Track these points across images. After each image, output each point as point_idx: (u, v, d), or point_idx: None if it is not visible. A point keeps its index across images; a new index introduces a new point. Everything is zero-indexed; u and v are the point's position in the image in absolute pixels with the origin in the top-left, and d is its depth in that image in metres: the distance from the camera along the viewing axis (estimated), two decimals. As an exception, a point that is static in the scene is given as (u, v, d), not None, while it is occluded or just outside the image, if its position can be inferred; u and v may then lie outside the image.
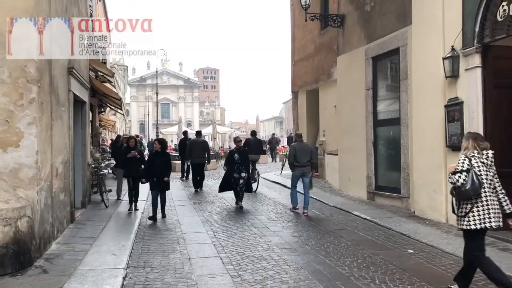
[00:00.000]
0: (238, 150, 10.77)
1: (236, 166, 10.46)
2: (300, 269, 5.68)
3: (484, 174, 4.58)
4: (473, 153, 4.65)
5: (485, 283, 5.02)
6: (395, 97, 10.33)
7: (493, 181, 4.65)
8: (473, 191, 4.47)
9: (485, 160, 4.64)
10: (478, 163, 4.60)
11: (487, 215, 4.52)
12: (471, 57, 7.42)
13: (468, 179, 4.47)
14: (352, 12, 12.10)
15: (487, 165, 4.63)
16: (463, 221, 4.63)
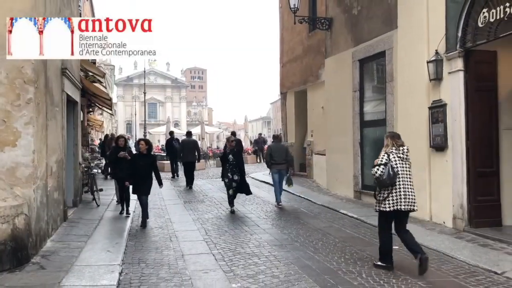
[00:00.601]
0: (232, 151, 10.19)
1: (230, 168, 9.93)
2: (290, 264, 5.90)
3: (400, 167, 5.53)
4: (391, 150, 5.62)
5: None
6: (381, 99, 10.62)
7: (409, 171, 5.60)
8: (389, 180, 5.43)
9: (401, 155, 5.61)
10: (395, 157, 5.55)
11: (399, 200, 5.48)
12: (454, 61, 7.73)
13: (385, 171, 5.43)
14: (339, 16, 12.38)
15: (403, 159, 5.60)
16: (381, 205, 5.60)
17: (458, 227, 7.59)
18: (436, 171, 8.23)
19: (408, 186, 5.56)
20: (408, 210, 5.56)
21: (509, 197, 7.70)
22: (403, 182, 5.50)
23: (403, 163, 5.56)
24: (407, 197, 5.51)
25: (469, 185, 7.54)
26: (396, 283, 5.16)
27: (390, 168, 5.44)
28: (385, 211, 5.57)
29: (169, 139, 18.64)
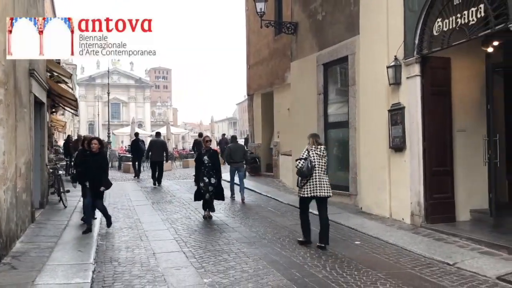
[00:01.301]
0: (208, 152, 9.53)
1: (206, 171, 9.23)
2: (259, 260, 6.17)
3: (317, 161, 6.82)
4: (311, 148, 6.91)
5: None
6: (344, 101, 11.06)
7: (324, 166, 6.90)
8: (307, 172, 6.73)
9: (319, 152, 6.92)
10: (314, 154, 6.85)
11: (315, 188, 6.77)
12: (412, 67, 8.20)
13: (305, 164, 6.74)
14: (304, 20, 12.77)
15: (320, 156, 6.90)
16: (301, 191, 6.93)
17: (416, 223, 8.07)
18: (395, 170, 8.70)
19: (323, 177, 6.86)
20: (323, 196, 6.83)
21: (462, 194, 8.24)
22: (318, 174, 6.81)
23: (320, 159, 6.87)
24: (322, 186, 6.80)
25: (426, 184, 8.03)
26: (358, 274, 5.51)
27: (309, 162, 6.77)
28: (304, 197, 6.91)
29: (135, 140, 18.88)
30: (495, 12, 6.43)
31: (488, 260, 6.00)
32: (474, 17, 6.81)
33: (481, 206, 8.31)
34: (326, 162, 7.03)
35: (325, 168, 6.95)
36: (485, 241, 6.68)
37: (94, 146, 8.00)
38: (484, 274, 5.48)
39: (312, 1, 12.28)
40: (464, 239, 6.99)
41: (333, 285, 5.10)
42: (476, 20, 6.79)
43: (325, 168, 6.93)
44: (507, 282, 5.22)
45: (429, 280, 5.36)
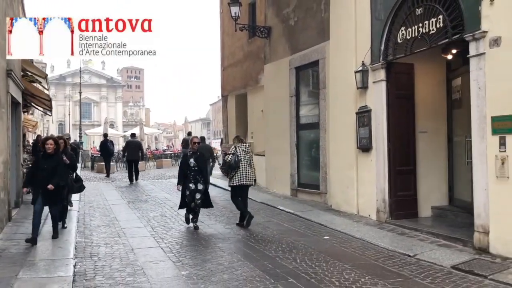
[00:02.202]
0: (194, 154, 8.58)
1: (192, 175, 8.36)
2: (234, 254, 6.53)
3: (242, 156, 8.39)
4: (238, 145, 8.50)
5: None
6: (315, 104, 11.53)
7: (250, 159, 8.54)
8: (235, 164, 8.27)
9: (244, 148, 8.52)
10: (240, 150, 8.42)
11: (242, 178, 8.34)
12: (378, 72, 8.71)
13: (233, 158, 8.28)
14: (278, 25, 13.19)
15: (245, 151, 8.48)
16: (231, 181, 8.44)
17: (381, 219, 8.57)
18: (363, 169, 9.19)
19: (248, 169, 8.43)
20: (247, 184, 8.50)
21: (423, 192, 8.79)
22: (243, 167, 8.36)
23: (245, 154, 8.46)
24: (246, 176, 8.38)
25: (390, 182, 8.54)
26: (326, 266, 5.92)
27: (236, 156, 8.32)
28: (234, 186, 8.44)
29: (104, 140, 19.91)
30: (452, 23, 6.96)
31: (445, 251, 6.51)
32: (434, 27, 7.35)
33: (441, 203, 8.91)
34: (251, 157, 8.68)
35: (250, 162, 8.54)
36: (443, 235, 7.21)
37: (50, 147, 7.18)
38: (441, 264, 5.97)
39: (285, 7, 12.71)
40: (424, 233, 7.51)
41: (303, 275, 5.50)
42: (436, 29, 7.32)
43: (249, 161, 8.50)
44: (460, 270, 5.72)
45: (390, 270, 5.81)
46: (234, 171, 8.32)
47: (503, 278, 5.33)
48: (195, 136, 9.08)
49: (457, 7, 6.84)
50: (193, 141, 8.86)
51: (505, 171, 6.04)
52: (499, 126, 6.10)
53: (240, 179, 8.34)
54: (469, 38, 6.52)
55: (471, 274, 5.55)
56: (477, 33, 6.37)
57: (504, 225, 6.07)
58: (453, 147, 8.92)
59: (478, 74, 6.44)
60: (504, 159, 6.04)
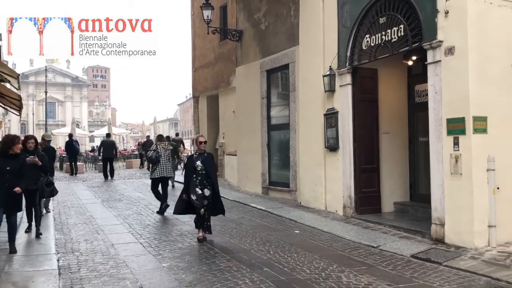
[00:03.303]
0: (201, 155, 7.47)
1: (198, 180, 7.25)
2: (210, 247, 6.90)
3: (162, 153, 10.00)
4: (159, 143, 10.22)
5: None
6: (285, 105, 12.01)
7: (169, 156, 10.23)
8: (156, 159, 9.90)
9: (164, 146, 10.20)
10: (160, 148, 10.07)
11: (162, 171, 9.95)
12: (344, 76, 9.26)
13: (154, 154, 9.91)
14: (249, 29, 13.61)
15: (164, 149, 10.13)
16: (152, 174, 10.08)
17: (347, 214, 9.12)
18: (330, 168, 9.73)
19: (167, 163, 10.09)
20: (167, 176, 10.15)
21: (386, 189, 9.40)
22: (163, 162, 9.98)
23: (164, 151, 10.09)
24: (166, 170, 10.01)
25: (356, 180, 9.10)
26: (297, 256, 6.39)
27: (157, 153, 9.94)
28: (155, 178, 10.03)
29: (68, 141, 20.43)
30: (412, 32, 7.56)
31: (406, 242, 7.10)
32: (396, 35, 7.94)
33: (402, 199, 9.55)
34: (170, 153, 10.41)
35: (169, 157, 10.25)
36: (404, 228, 7.80)
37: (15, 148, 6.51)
38: (401, 254, 6.54)
39: (256, 11, 13.15)
40: (387, 226, 8.10)
41: (277, 265, 5.94)
42: (397, 38, 7.91)
43: (168, 157, 10.17)
44: (419, 258, 6.30)
45: (356, 259, 6.32)
46: (156, 166, 9.94)
47: (455, 264, 5.94)
48: (201, 135, 7.92)
49: (416, 18, 7.44)
50: (199, 141, 7.65)
51: (458, 168, 6.67)
52: (453, 127, 6.72)
53: (160, 172, 9.94)
54: (426, 46, 7.14)
55: (428, 261, 6.13)
56: (434, 42, 6.98)
57: (457, 218, 6.70)
58: (414, 147, 9.57)
59: (435, 79, 7.06)
60: (458, 158, 6.66)
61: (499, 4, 6.83)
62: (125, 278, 5.41)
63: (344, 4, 9.20)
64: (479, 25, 6.66)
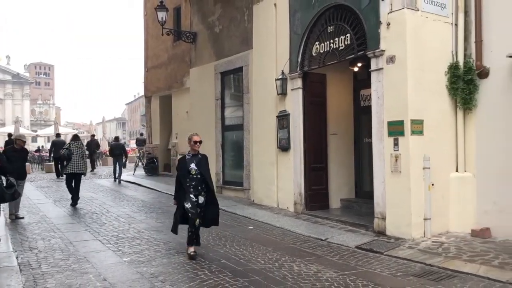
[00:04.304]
0: (195, 157, 6.56)
1: (193, 185, 6.40)
2: (169, 243, 7.18)
3: (75, 151, 10.87)
4: (72, 142, 11.16)
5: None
6: (239, 106, 12.41)
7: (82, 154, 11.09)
8: (68, 157, 10.84)
9: (77, 145, 11.08)
10: (73, 146, 11.00)
11: (73, 167, 10.85)
12: (295, 80, 9.78)
13: (66, 152, 10.87)
14: (203, 31, 13.90)
15: (77, 147, 11.02)
16: (64, 170, 11.35)
17: (298, 210, 9.65)
18: (282, 167, 10.22)
19: (79, 161, 10.92)
20: (78, 172, 10.96)
21: (333, 186, 10.03)
22: (75, 159, 10.84)
23: (77, 150, 10.96)
24: (78, 166, 10.89)
25: (306, 178, 9.64)
26: (252, 249, 6.81)
27: (69, 151, 10.85)
28: (67, 173, 11.03)
29: (8, 140, 20.06)
30: (358, 41, 8.19)
31: (351, 235, 7.69)
32: (343, 44, 8.55)
33: (349, 196, 10.22)
34: (83, 151, 11.30)
35: (82, 155, 11.08)
36: (350, 222, 8.42)
37: None
38: (347, 245, 7.11)
39: (210, 15, 13.47)
40: (334, 221, 8.69)
41: (233, 257, 6.33)
42: (344, 46, 8.52)
43: (81, 155, 11.03)
44: (362, 249, 6.89)
45: (306, 251, 6.83)
46: (68, 162, 10.94)
47: (395, 253, 6.57)
48: (195, 134, 6.75)
49: (361, 28, 8.07)
50: (193, 140, 6.57)
51: (398, 166, 7.33)
52: (393, 129, 7.39)
53: (71, 169, 10.87)
54: (370, 55, 7.77)
55: (371, 252, 6.73)
56: (377, 51, 7.63)
57: (396, 212, 7.36)
58: (359, 148, 10.26)
59: (377, 85, 7.71)
60: (397, 157, 7.33)
61: (433, 18, 7.57)
62: (87, 272, 5.59)
63: (295, 12, 9.73)
64: (416, 37, 7.35)
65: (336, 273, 5.62)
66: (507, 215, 7.09)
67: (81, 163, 10.93)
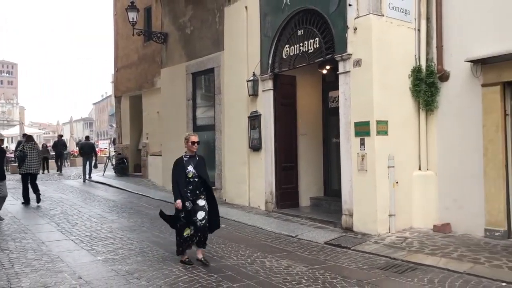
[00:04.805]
0: (192, 159, 6.18)
1: (190, 189, 5.98)
2: (143, 242, 7.27)
3: (29, 152, 11.11)
4: (26, 144, 11.28)
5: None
6: (211, 107, 12.55)
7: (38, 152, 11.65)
8: (22, 157, 11.16)
9: (31, 146, 11.29)
10: (27, 147, 11.17)
11: (28, 168, 11.15)
12: (266, 82, 10.02)
13: (20, 154, 11.28)
14: (174, 32, 13.97)
15: (31, 148, 11.23)
16: (20, 170, 11.27)
17: (269, 209, 9.89)
18: (253, 167, 10.44)
19: (34, 161, 11.26)
20: (33, 173, 11.26)
21: (303, 185, 10.32)
22: (29, 160, 11.14)
23: (31, 150, 11.22)
24: (32, 167, 11.19)
25: (276, 177, 9.89)
26: (225, 246, 7.00)
27: (23, 152, 11.13)
28: (22, 173, 11.18)
29: None
30: (326, 45, 8.49)
31: (320, 232, 7.98)
32: (312, 47, 8.83)
33: (318, 194, 10.53)
34: (38, 152, 11.65)
35: (37, 156, 11.44)
36: (319, 219, 8.72)
37: None
38: (316, 241, 7.38)
39: (181, 16, 13.55)
40: (304, 218, 8.97)
41: (207, 254, 6.45)
42: (313, 49, 8.81)
43: (35, 156, 11.29)
44: (331, 244, 7.17)
45: (277, 247, 7.06)
46: (23, 163, 11.19)
47: (361, 248, 6.87)
48: (193, 134, 6.52)
49: (330, 32, 8.37)
50: (191, 140, 6.20)
51: (364, 165, 7.66)
52: (359, 130, 7.71)
53: (26, 169, 11.20)
54: (338, 58, 8.08)
55: (339, 247, 7.02)
56: (344, 55, 7.94)
57: (363, 209, 7.69)
58: (328, 147, 10.58)
59: (345, 88, 8.02)
60: (364, 156, 7.66)
61: (398, 24, 7.94)
62: (62, 271, 5.64)
63: (266, 15, 9.97)
64: (381, 41, 7.70)
65: (306, 267, 5.86)
66: (466, 211, 7.52)
67: (35, 163, 11.34)
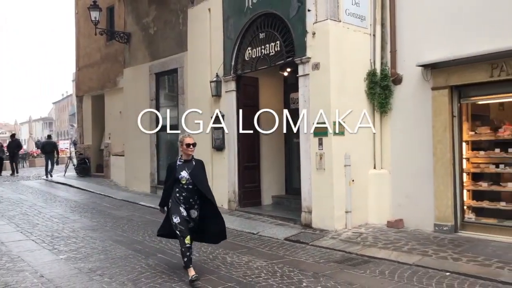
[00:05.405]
0: (188, 163, 5.58)
1: (183, 196, 5.46)
2: (105, 240, 7.33)
3: None
4: None
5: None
6: (174, 106, 12.63)
7: None
8: None
9: None
10: None
11: None
12: (229, 83, 10.21)
13: None
14: (137, 32, 13.95)
15: None
16: None
17: (232, 207, 10.09)
18: (217, 166, 10.60)
19: None
20: None
21: (265, 184, 10.58)
22: None
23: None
24: None
25: (239, 176, 10.09)
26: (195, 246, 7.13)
27: None
28: None
29: None
30: (287, 48, 8.76)
31: (281, 228, 8.25)
32: (273, 50, 9.09)
33: (279, 192, 10.82)
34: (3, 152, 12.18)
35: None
36: (280, 217, 9.00)
37: None
38: (277, 237, 7.65)
39: (145, 16, 13.56)
40: (266, 216, 9.23)
41: (169, 251, 6.65)
42: (274, 52, 9.07)
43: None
44: (290, 240, 7.46)
45: (239, 244, 7.28)
46: None
47: (319, 243, 7.19)
48: (188, 136, 5.88)
49: (290, 36, 8.65)
50: (186, 143, 5.59)
51: (322, 164, 7.98)
52: (318, 130, 8.03)
53: None
54: (298, 61, 8.38)
55: (298, 243, 7.32)
56: (304, 58, 8.24)
57: (321, 206, 8.01)
58: (289, 147, 10.87)
59: (304, 90, 8.33)
60: (322, 156, 7.98)
61: (354, 29, 8.32)
62: (23, 270, 5.66)
63: (229, 18, 10.16)
64: (339, 46, 8.04)
65: (266, 262, 6.11)
66: (417, 207, 7.96)
67: None
